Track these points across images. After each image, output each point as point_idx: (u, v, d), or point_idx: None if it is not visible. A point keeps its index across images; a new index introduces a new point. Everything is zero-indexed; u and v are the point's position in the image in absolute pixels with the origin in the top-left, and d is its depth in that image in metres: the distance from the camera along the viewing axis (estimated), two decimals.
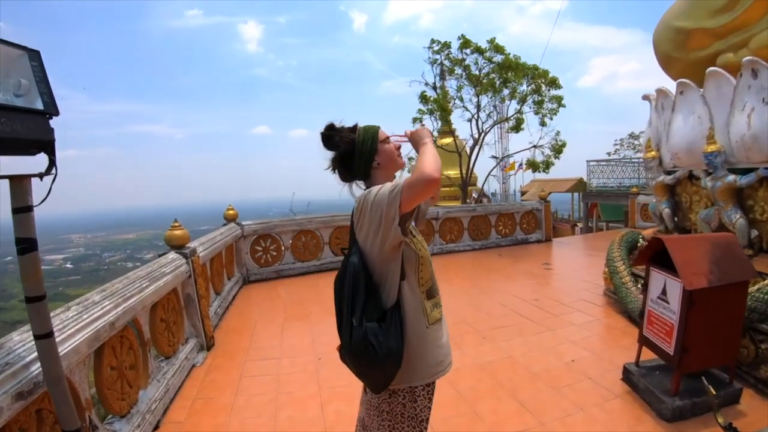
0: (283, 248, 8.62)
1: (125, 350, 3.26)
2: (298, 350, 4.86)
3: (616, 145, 30.04)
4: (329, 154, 1.83)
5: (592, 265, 8.68)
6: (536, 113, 13.69)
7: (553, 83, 13.11)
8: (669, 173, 5.73)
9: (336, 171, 1.84)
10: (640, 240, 6.33)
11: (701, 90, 4.92)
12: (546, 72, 13.15)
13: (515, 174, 24.82)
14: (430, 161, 1.53)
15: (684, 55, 5.49)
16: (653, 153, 5.86)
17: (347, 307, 1.61)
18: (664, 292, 3.43)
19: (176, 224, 4.99)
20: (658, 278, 3.51)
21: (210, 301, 5.74)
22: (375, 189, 1.62)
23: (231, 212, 8.00)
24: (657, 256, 3.60)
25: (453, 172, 17.69)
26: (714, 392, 2.99)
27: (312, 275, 8.62)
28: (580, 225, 21.86)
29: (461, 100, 14.24)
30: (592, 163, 19.91)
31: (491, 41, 13.66)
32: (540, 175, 19.89)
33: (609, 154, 28.76)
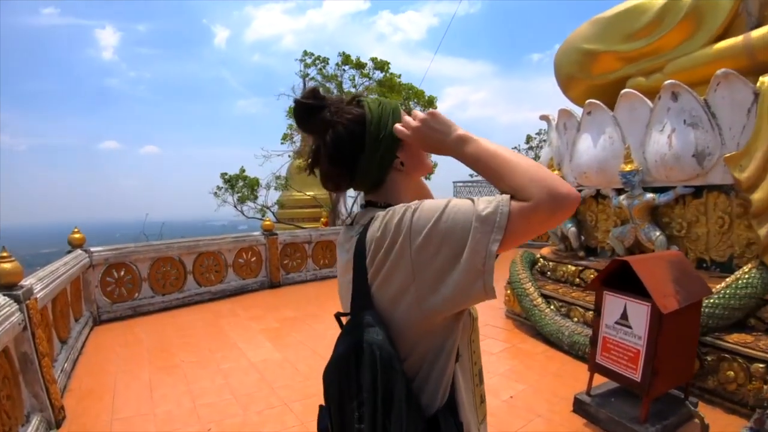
0: (139, 279, 7.52)
1: None
2: (178, 418, 3.97)
3: None
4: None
5: None
6: None
7: (430, 104, 13.53)
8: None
9: (317, 171, 1.22)
10: (541, 260, 6.60)
11: (611, 111, 5.26)
12: (422, 92, 13.52)
13: None
14: (544, 171, 0.93)
15: (588, 77, 5.87)
16: (556, 172, 6.15)
17: (372, 427, 0.95)
18: (624, 316, 3.46)
19: (4, 255, 3.80)
20: (615, 303, 3.54)
21: (54, 355, 4.68)
22: (418, 208, 0.98)
23: (77, 236, 6.77)
24: (610, 280, 3.65)
25: (319, 193, 17.38)
26: (706, 422, 3.06)
27: (175, 311, 7.61)
28: None
29: None
30: (459, 184, 20.97)
31: (373, 59, 13.75)
32: None
33: (471, 175, 30.66)
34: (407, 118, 1.14)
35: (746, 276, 3.87)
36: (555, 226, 0.94)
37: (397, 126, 1.13)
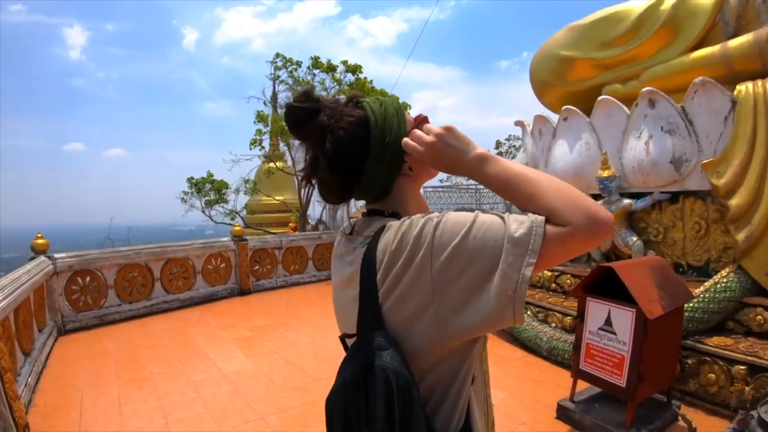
0: (105, 287, 7.23)
1: None
2: None
3: None
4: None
5: None
6: None
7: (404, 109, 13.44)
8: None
9: (316, 182, 1.11)
10: None
11: (588, 117, 5.31)
12: (396, 97, 13.32)
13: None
14: (580, 195, 0.87)
15: (564, 83, 5.92)
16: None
17: None
18: (608, 322, 3.46)
19: None
20: (599, 309, 3.54)
21: (18, 369, 4.45)
22: (441, 221, 0.90)
23: (40, 242, 6.48)
24: (592, 286, 3.65)
25: (289, 198, 17.16)
26: (693, 426, 3.06)
27: (142, 319, 7.34)
28: None
29: None
30: (428, 190, 21.05)
31: (344, 62, 13.58)
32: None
33: (441, 181, 30.90)
34: (419, 133, 1.04)
35: (725, 280, 3.94)
36: (588, 251, 0.88)
37: (408, 142, 1.03)
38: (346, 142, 1.03)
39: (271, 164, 14.33)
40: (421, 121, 1.13)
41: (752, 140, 3.89)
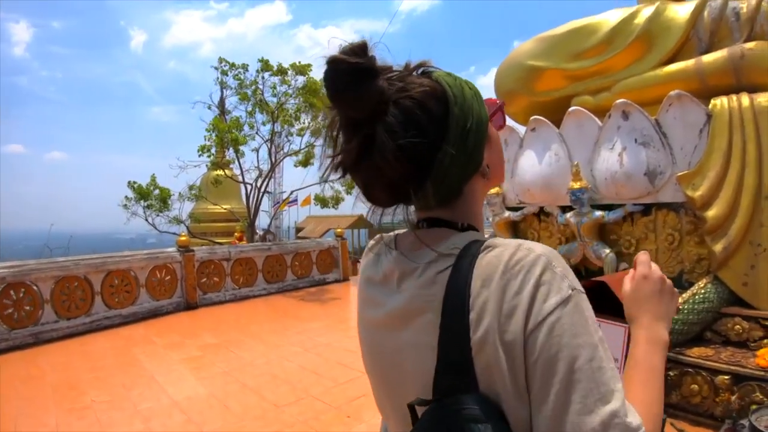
0: (41, 301, 6.59)
1: None
2: None
3: None
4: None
5: None
6: (329, 147, 13.64)
7: None
8: (512, 209, 5.96)
9: (362, 174, 0.81)
10: None
11: (557, 128, 5.23)
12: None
13: (288, 209, 24.68)
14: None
15: (531, 93, 5.83)
16: (497, 189, 6.05)
17: None
18: None
19: None
20: None
21: None
22: (579, 304, 0.68)
23: None
24: None
25: (236, 206, 16.60)
26: None
27: (82, 337, 6.76)
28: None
29: (251, 127, 13.42)
30: None
31: (293, 65, 13.15)
32: (318, 212, 20.00)
33: None
34: (646, 258, 0.95)
35: (702, 291, 3.94)
36: None
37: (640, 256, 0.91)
38: (419, 117, 0.76)
39: (219, 172, 13.76)
40: (499, 108, 0.91)
41: (728, 153, 3.91)
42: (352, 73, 0.74)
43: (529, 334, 0.66)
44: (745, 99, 3.92)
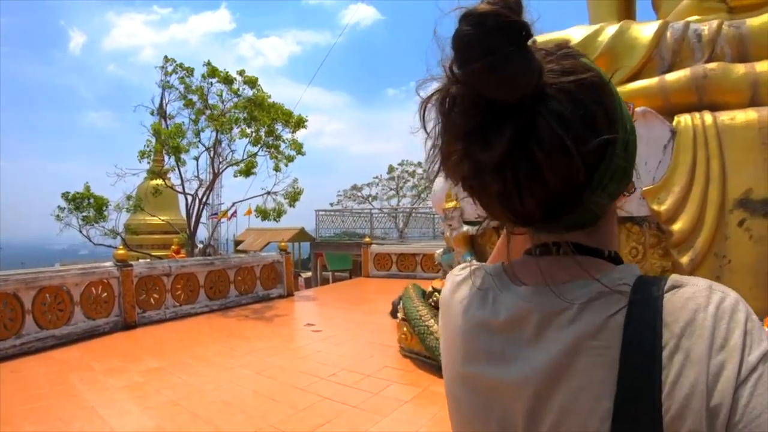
0: None
1: None
2: None
3: (339, 196, 31.97)
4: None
5: (363, 321, 8.47)
6: (272, 157, 13.22)
7: (299, 124, 12.81)
8: (471, 224, 5.88)
9: (511, 173, 0.57)
10: (436, 294, 6.30)
11: None
12: (290, 111, 12.75)
13: (227, 222, 23.86)
14: None
15: None
16: (455, 203, 5.95)
17: None
18: None
19: None
20: None
21: None
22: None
23: None
24: None
25: (173, 217, 15.84)
26: None
27: (12, 362, 6.05)
28: (303, 275, 22.11)
29: (196, 134, 12.78)
30: (321, 212, 20.57)
31: (241, 72, 12.71)
32: (258, 224, 19.47)
33: (332, 204, 30.56)
34: None
35: None
36: None
37: None
38: (595, 109, 0.57)
39: (159, 181, 13.05)
40: (632, 112, 0.71)
41: (692, 169, 4.00)
42: (510, 36, 0.54)
43: (734, 393, 0.52)
44: (708, 117, 4.01)
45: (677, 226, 3.99)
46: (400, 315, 6.30)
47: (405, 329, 6.08)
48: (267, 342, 7.21)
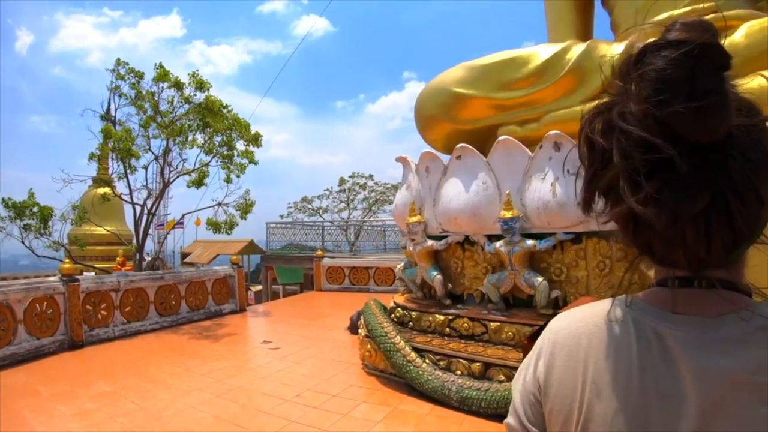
0: None
1: None
2: None
3: (289, 208, 31.18)
4: None
5: (321, 337, 8.24)
6: (223, 167, 12.82)
7: (255, 140, 12.52)
8: (434, 238, 5.79)
9: (694, 210, 0.55)
10: (399, 310, 6.18)
11: (485, 157, 5.18)
12: (247, 124, 12.47)
13: (174, 233, 23.00)
14: None
15: (454, 120, 5.79)
16: (418, 217, 5.86)
17: None
18: None
19: None
20: None
21: None
22: None
23: None
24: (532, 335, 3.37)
25: (119, 228, 15.09)
26: None
27: None
28: (253, 289, 21.58)
29: (147, 141, 12.19)
30: (272, 225, 20.09)
31: (193, 74, 12.06)
32: (207, 236, 18.86)
33: (282, 216, 29.84)
34: None
35: None
36: None
37: None
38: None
39: (107, 189, 12.41)
40: None
41: None
42: (721, 75, 0.54)
43: None
44: None
45: None
46: (362, 331, 6.15)
47: (369, 346, 5.92)
48: (224, 361, 6.88)
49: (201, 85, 11.98)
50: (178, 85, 11.91)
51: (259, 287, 22.15)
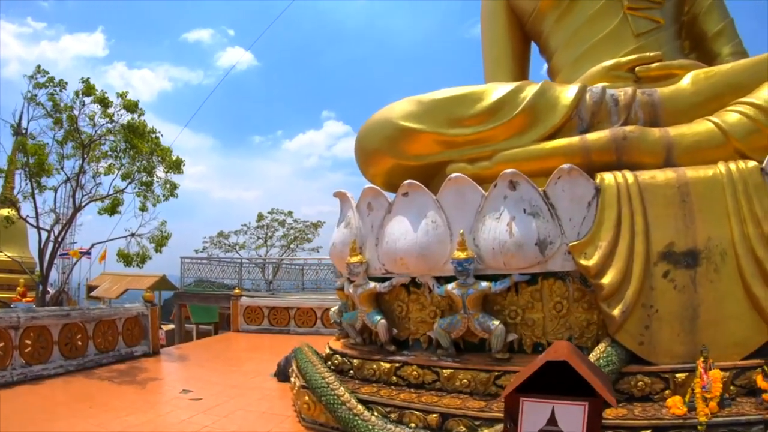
0: None
1: None
2: None
3: (205, 243, 29.17)
4: None
5: (246, 386, 7.47)
6: (138, 195, 11.77)
7: (177, 166, 11.66)
8: (377, 280, 5.42)
9: None
10: (338, 357, 5.67)
11: (433, 195, 4.95)
12: (169, 149, 11.55)
13: (80, 263, 20.94)
14: None
15: (400, 155, 5.51)
16: (359, 257, 5.48)
17: None
18: (552, 422, 2.94)
19: None
20: (538, 409, 2.99)
21: None
22: None
23: None
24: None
25: (23, 256, 13.39)
26: None
27: None
28: (164, 327, 20.01)
29: (61, 159, 10.94)
30: (186, 260, 18.75)
31: (122, 95, 11.06)
32: (115, 268, 17.31)
33: (197, 251, 28.01)
34: None
35: (604, 354, 3.95)
36: None
37: None
38: None
39: (11, 211, 10.99)
40: None
41: (618, 224, 4.08)
42: None
43: None
44: (629, 175, 4.13)
45: (606, 280, 4.00)
46: (297, 381, 5.52)
47: (307, 398, 5.25)
48: (140, 415, 5.94)
49: (132, 108, 11.06)
50: (103, 102, 10.84)
51: (171, 326, 20.54)
